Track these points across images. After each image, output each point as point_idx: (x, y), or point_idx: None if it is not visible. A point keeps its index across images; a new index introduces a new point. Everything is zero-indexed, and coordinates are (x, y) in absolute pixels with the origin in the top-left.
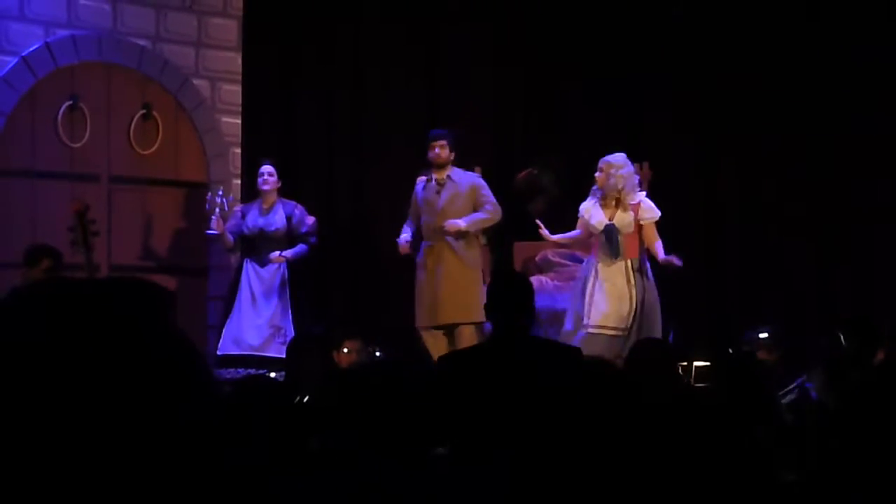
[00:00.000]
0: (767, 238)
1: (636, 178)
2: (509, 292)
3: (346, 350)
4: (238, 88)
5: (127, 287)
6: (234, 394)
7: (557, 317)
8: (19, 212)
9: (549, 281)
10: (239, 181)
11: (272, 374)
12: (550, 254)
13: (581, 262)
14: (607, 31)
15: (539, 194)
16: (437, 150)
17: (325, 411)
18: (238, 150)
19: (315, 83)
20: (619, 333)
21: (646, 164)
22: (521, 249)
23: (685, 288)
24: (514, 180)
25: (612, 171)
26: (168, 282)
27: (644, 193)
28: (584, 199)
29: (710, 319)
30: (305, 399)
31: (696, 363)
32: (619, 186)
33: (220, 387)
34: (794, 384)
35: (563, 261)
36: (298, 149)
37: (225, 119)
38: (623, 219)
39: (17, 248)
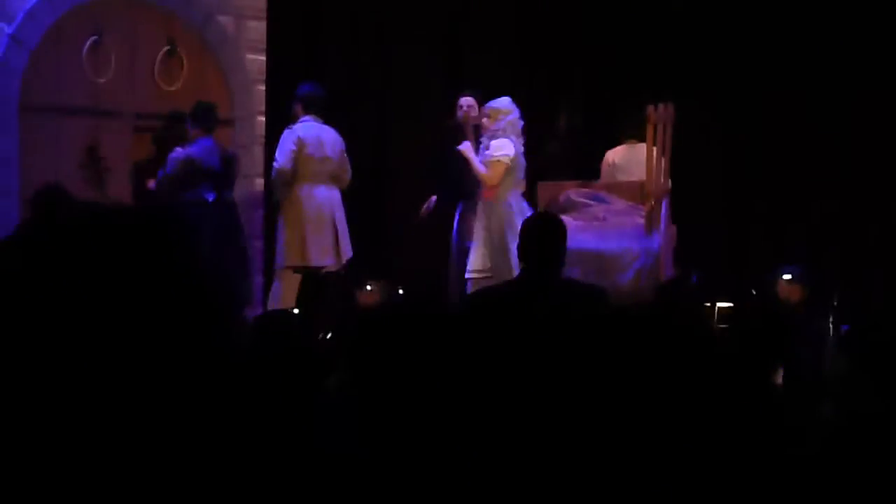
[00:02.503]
0: (793, 178)
1: (520, 125)
2: (543, 236)
3: (368, 288)
4: (263, 25)
5: (153, 214)
6: (255, 328)
7: (581, 256)
8: (44, 148)
9: (572, 221)
10: (263, 118)
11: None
12: (573, 194)
13: (605, 202)
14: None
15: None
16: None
17: (346, 349)
18: (262, 88)
19: (340, 21)
20: (482, 276)
21: (670, 105)
22: (543, 189)
23: (709, 228)
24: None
25: (501, 116)
26: None
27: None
28: (605, 140)
29: (735, 260)
30: (327, 336)
31: (719, 304)
32: (506, 129)
33: (243, 317)
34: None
35: (586, 200)
36: (325, 86)
37: (249, 56)
38: None
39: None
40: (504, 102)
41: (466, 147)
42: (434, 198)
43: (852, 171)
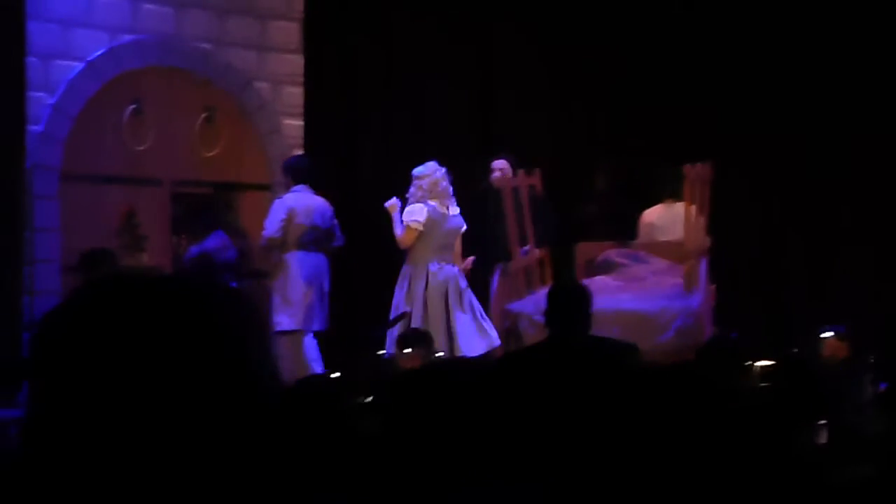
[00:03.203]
0: (833, 238)
1: (442, 185)
2: (567, 303)
3: (407, 352)
4: (300, 90)
5: (197, 285)
6: (295, 393)
7: (620, 316)
8: (83, 216)
9: (611, 281)
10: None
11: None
12: (613, 254)
13: (644, 262)
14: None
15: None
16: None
17: (384, 412)
18: (301, 153)
19: (376, 83)
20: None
21: (707, 163)
22: (583, 250)
23: (749, 286)
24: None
25: (418, 181)
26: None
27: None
28: (643, 200)
29: (774, 319)
30: (366, 400)
31: (759, 363)
32: (426, 194)
33: (278, 391)
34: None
35: (625, 261)
36: (361, 150)
37: (287, 121)
38: None
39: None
40: (424, 168)
41: (391, 203)
42: (472, 258)
43: (891, 226)
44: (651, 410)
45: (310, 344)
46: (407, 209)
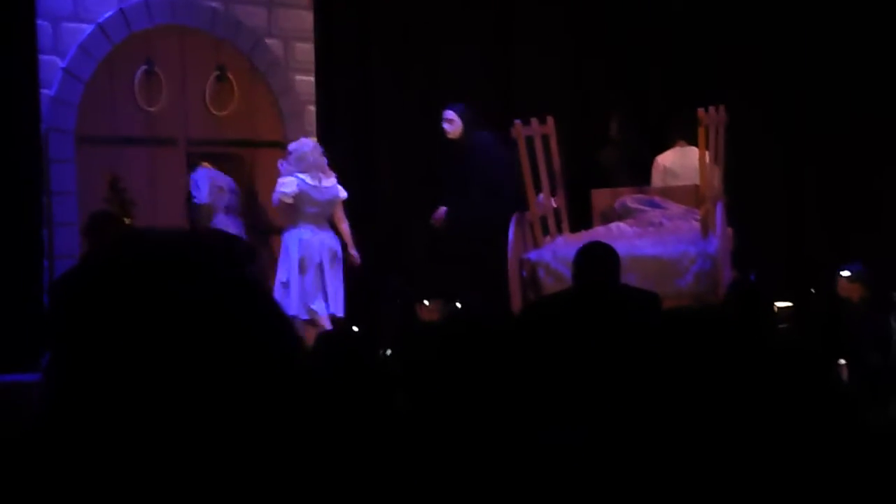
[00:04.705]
0: (852, 174)
1: (310, 159)
2: (594, 265)
3: (427, 304)
4: (311, 47)
5: (210, 240)
6: (319, 346)
7: (638, 262)
8: (100, 179)
9: (627, 228)
10: (315, 139)
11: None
12: (629, 200)
13: (661, 207)
14: None
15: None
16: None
17: (411, 366)
18: (313, 108)
19: (388, 39)
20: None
21: (721, 107)
22: (598, 197)
23: (768, 227)
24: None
25: (289, 156)
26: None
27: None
28: (658, 146)
29: (792, 260)
30: (388, 353)
31: (778, 304)
32: (295, 168)
33: (301, 345)
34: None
35: (641, 206)
36: (373, 105)
37: (299, 77)
38: None
39: None
40: (295, 144)
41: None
42: (443, 209)
43: None
44: (682, 356)
45: None
46: (279, 181)
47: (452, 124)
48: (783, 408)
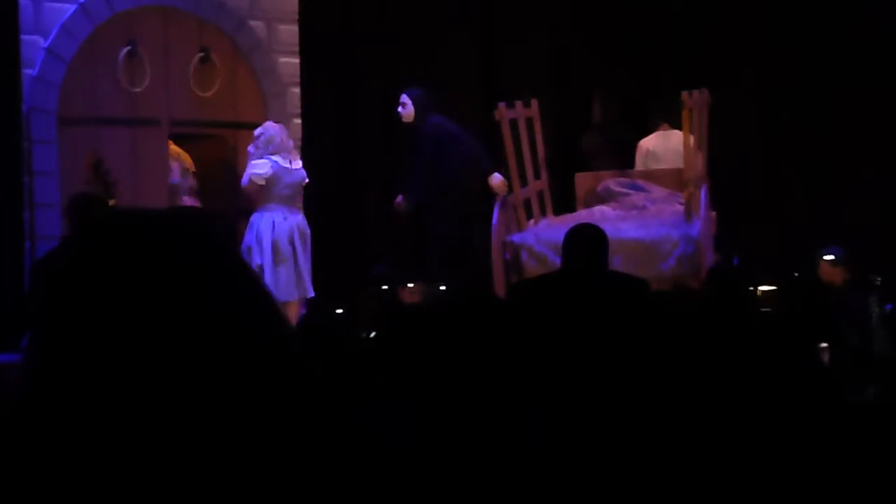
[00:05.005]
0: (830, 158)
1: (277, 141)
2: (581, 247)
3: (409, 286)
4: (295, 28)
5: (191, 218)
6: (300, 329)
7: (621, 245)
8: (82, 159)
9: (611, 211)
10: (299, 121)
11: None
12: (612, 183)
13: (644, 191)
14: None
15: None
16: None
17: (391, 348)
18: (297, 90)
19: (372, 18)
20: None
21: (704, 90)
22: (581, 180)
23: (751, 210)
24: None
25: (255, 140)
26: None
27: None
28: (641, 130)
29: (775, 244)
30: (371, 335)
31: (761, 287)
32: (263, 151)
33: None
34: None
35: (624, 190)
36: (357, 88)
37: (283, 59)
38: None
39: None
40: (261, 127)
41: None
42: (400, 196)
43: (893, 150)
44: (665, 338)
45: None
46: (252, 163)
47: (405, 108)
48: (764, 388)
